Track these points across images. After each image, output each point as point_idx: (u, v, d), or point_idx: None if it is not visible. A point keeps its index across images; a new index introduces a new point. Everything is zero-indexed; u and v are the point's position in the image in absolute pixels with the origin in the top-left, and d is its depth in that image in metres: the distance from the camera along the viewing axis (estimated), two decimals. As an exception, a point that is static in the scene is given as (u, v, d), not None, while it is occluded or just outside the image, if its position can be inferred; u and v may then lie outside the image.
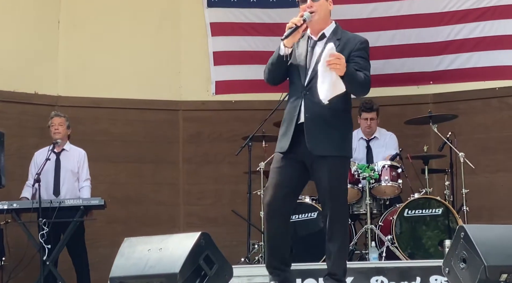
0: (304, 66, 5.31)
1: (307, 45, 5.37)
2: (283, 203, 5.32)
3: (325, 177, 5.24)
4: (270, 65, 5.39)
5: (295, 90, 5.34)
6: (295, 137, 5.27)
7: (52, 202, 7.75)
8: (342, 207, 5.36)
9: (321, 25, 5.38)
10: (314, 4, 5.30)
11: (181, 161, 9.86)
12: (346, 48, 5.29)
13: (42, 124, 8.65)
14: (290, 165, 5.31)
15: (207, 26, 9.91)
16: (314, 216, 7.61)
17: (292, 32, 5.17)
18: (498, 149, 9.40)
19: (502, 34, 9.36)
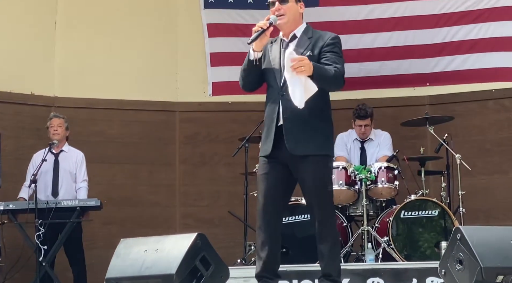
0: (279, 68, 5.32)
1: (280, 48, 5.38)
2: (274, 210, 5.35)
3: (308, 178, 5.25)
4: (242, 71, 5.42)
5: (272, 93, 5.35)
6: (277, 140, 5.27)
7: (48, 203, 7.75)
8: (329, 207, 5.36)
9: (291, 27, 5.39)
10: (282, 7, 5.33)
11: (177, 162, 9.86)
12: (317, 45, 5.31)
13: (38, 125, 8.64)
14: (275, 170, 5.32)
15: (204, 27, 9.91)
16: (309, 218, 7.60)
17: (258, 36, 5.19)
18: (494, 151, 9.41)
19: (498, 36, 9.37)
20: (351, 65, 9.60)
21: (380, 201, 7.95)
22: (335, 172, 7.77)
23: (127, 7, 9.77)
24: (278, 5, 5.33)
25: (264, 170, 5.35)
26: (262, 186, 5.34)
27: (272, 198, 5.33)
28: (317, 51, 5.27)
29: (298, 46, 5.32)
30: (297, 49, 5.27)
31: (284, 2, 5.34)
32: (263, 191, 5.34)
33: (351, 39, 9.71)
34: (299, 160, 5.23)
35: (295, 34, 5.40)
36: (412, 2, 9.63)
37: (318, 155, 5.25)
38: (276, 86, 5.31)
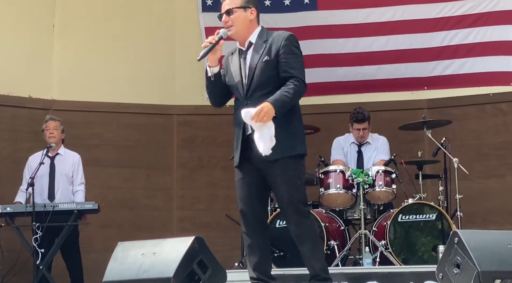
0: (240, 78, 5.31)
1: (239, 58, 5.37)
2: (255, 214, 5.37)
3: (279, 180, 5.24)
4: (206, 88, 5.43)
5: (238, 103, 5.35)
6: (247, 148, 5.27)
7: (45, 206, 7.74)
8: (302, 207, 5.30)
9: (245, 35, 5.37)
10: (230, 18, 5.31)
11: (174, 166, 9.86)
12: (272, 48, 5.27)
13: (36, 128, 8.64)
14: (249, 175, 5.33)
15: (201, 30, 9.91)
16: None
17: (208, 51, 5.19)
18: (491, 155, 9.42)
19: (496, 40, 9.38)
20: (348, 69, 9.65)
21: (378, 205, 7.94)
22: (333, 175, 7.79)
23: (125, 11, 9.77)
24: (225, 17, 5.32)
25: (239, 175, 5.39)
26: (239, 192, 5.38)
27: (251, 203, 5.35)
28: (273, 54, 5.23)
29: (255, 51, 5.30)
30: (254, 55, 5.27)
31: (230, 14, 5.31)
32: (240, 198, 5.37)
33: (348, 43, 9.72)
34: (270, 165, 5.22)
35: (250, 41, 5.36)
36: (410, 6, 9.64)
37: (288, 157, 5.23)
38: (240, 96, 5.32)
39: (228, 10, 5.31)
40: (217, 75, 5.33)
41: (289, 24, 9.35)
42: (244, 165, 5.33)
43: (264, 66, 5.23)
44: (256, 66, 5.24)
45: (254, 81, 5.24)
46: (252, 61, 5.27)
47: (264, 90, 5.21)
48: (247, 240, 5.37)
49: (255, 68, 5.24)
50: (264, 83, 5.22)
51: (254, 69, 5.24)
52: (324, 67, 9.56)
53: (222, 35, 5.23)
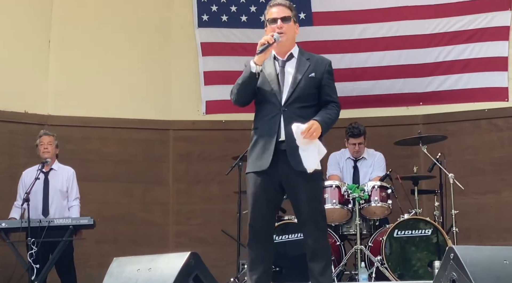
0: (278, 84, 5.37)
1: (275, 66, 5.44)
2: (265, 229, 5.35)
3: (304, 193, 5.26)
4: (239, 85, 5.43)
5: (271, 108, 5.36)
6: (273, 156, 5.28)
7: (41, 222, 7.71)
8: (323, 224, 5.38)
9: (288, 47, 5.47)
10: (284, 25, 5.40)
11: (171, 181, 9.85)
12: (318, 68, 5.42)
13: (32, 143, 8.63)
14: (266, 188, 5.32)
15: (197, 46, 9.94)
16: (301, 237, 7.58)
17: (265, 49, 5.27)
18: (487, 171, 9.43)
19: (491, 56, 9.42)
20: (344, 84, 9.65)
21: (374, 220, 7.95)
22: (329, 191, 7.78)
23: (121, 26, 9.79)
24: (280, 23, 5.40)
25: (254, 187, 5.34)
26: (254, 203, 5.33)
27: (263, 217, 5.33)
28: (319, 75, 5.40)
29: (297, 65, 5.41)
30: (299, 68, 5.39)
31: (286, 21, 5.41)
32: (254, 209, 5.33)
33: (344, 58, 9.75)
34: (297, 176, 5.25)
35: (292, 54, 5.47)
36: (405, 22, 9.68)
37: (315, 171, 5.28)
38: (276, 102, 5.34)
39: (286, 17, 5.42)
40: (258, 75, 5.37)
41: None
42: (263, 176, 5.31)
43: (309, 81, 5.37)
44: (301, 80, 5.36)
45: (296, 92, 5.34)
46: (297, 74, 5.38)
47: (303, 103, 5.33)
48: (252, 253, 5.34)
49: (299, 81, 5.35)
50: (305, 97, 5.34)
51: (299, 82, 5.35)
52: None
53: (276, 39, 5.32)
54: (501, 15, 9.39)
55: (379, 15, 9.72)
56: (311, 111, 5.33)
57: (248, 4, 9.90)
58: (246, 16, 9.91)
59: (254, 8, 9.89)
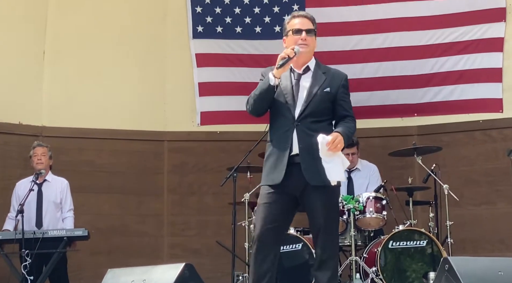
0: (292, 98, 5.38)
1: (291, 78, 5.44)
2: (272, 239, 5.31)
3: (320, 208, 5.26)
4: (256, 96, 5.40)
5: (284, 122, 5.37)
6: (286, 170, 5.27)
7: (35, 233, 7.69)
8: (336, 237, 5.43)
9: (307, 59, 5.47)
10: (308, 38, 5.41)
11: (165, 192, 9.84)
12: (334, 83, 5.42)
13: (26, 155, 8.61)
14: (279, 200, 5.30)
15: (192, 57, 9.95)
16: (299, 248, 7.58)
17: (285, 62, 5.26)
18: (481, 182, 9.43)
19: (485, 67, 9.44)
20: (339, 95, 9.65)
21: (368, 231, 7.94)
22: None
23: (116, 37, 9.79)
24: (305, 35, 5.40)
25: (267, 199, 5.32)
26: (263, 215, 5.30)
27: (272, 229, 5.29)
28: (334, 90, 5.40)
29: (313, 79, 5.41)
30: (314, 82, 5.39)
31: (310, 33, 5.43)
32: (263, 221, 5.29)
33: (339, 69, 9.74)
34: (311, 190, 5.26)
35: (309, 66, 5.47)
36: (400, 33, 9.70)
37: (330, 186, 5.27)
38: (289, 116, 5.35)
39: (311, 29, 5.44)
40: (276, 88, 5.37)
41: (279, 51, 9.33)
42: (278, 190, 5.30)
43: (323, 96, 5.36)
44: (316, 94, 5.36)
45: (310, 107, 5.33)
46: (312, 88, 5.37)
47: (317, 118, 5.33)
48: (257, 268, 5.28)
49: (314, 95, 5.35)
50: (319, 111, 5.35)
51: (313, 96, 5.35)
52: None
53: (296, 52, 5.31)
54: (495, 26, 9.42)
55: (374, 26, 9.74)
56: (324, 125, 5.33)
57: (243, 16, 9.91)
58: (241, 27, 9.93)
59: (249, 19, 9.91)
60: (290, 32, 5.45)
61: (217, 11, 9.91)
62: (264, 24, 9.82)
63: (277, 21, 9.75)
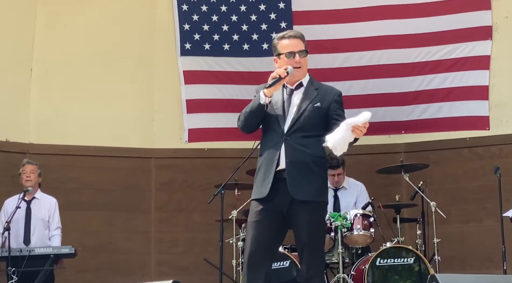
0: (283, 113, 5.38)
1: (283, 93, 5.44)
2: (263, 258, 5.28)
3: (305, 223, 5.23)
4: (247, 113, 5.41)
5: (274, 136, 5.37)
6: (274, 183, 5.27)
7: (21, 251, 7.66)
8: (321, 255, 5.38)
9: (299, 77, 5.48)
10: (301, 60, 5.43)
11: (153, 209, 9.82)
12: (325, 98, 5.43)
13: (13, 172, 8.60)
14: (268, 218, 5.28)
15: (180, 74, 9.95)
16: (286, 265, 7.58)
17: (275, 82, 5.27)
18: (469, 199, 9.45)
19: (472, 84, 9.48)
20: (327, 113, 9.67)
21: (356, 249, 7.93)
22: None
23: (103, 54, 9.79)
24: (298, 58, 5.41)
25: (256, 217, 5.31)
26: (253, 233, 5.28)
27: (263, 247, 5.27)
28: (326, 105, 5.39)
29: (305, 95, 5.42)
30: (305, 98, 5.39)
31: (303, 55, 5.44)
32: (254, 239, 5.27)
33: (326, 86, 9.77)
34: (297, 205, 5.24)
35: (302, 82, 5.48)
36: (387, 51, 9.74)
37: (317, 202, 5.28)
38: (279, 130, 5.35)
39: (303, 51, 5.45)
40: (267, 106, 5.37)
41: (267, 68, 9.31)
42: (265, 205, 5.28)
43: (314, 111, 5.35)
44: (306, 109, 5.35)
45: (299, 122, 5.33)
46: (302, 103, 5.37)
47: (306, 132, 5.31)
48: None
49: (304, 110, 5.35)
50: (309, 126, 5.32)
51: (304, 111, 5.34)
52: (303, 111, 9.59)
53: (289, 72, 5.32)
54: (482, 44, 9.46)
55: (362, 43, 9.77)
56: (314, 141, 5.29)
57: (230, 33, 9.93)
58: (229, 44, 9.94)
59: (236, 36, 9.92)
60: (283, 55, 5.44)
61: (205, 28, 9.92)
62: (252, 42, 9.83)
63: (265, 39, 9.78)
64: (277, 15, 9.83)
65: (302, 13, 9.81)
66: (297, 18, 9.79)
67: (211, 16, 9.91)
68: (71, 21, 9.74)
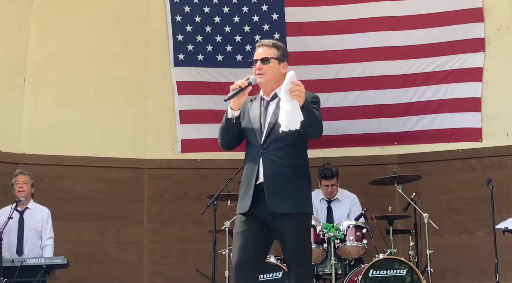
0: (259, 126, 5.33)
1: (260, 106, 5.39)
2: (249, 268, 5.25)
3: (289, 236, 5.19)
4: (220, 129, 5.40)
5: (253, 150, 5.33)
6: (255, 198, 5.24)
7: (13, 261, 7.64)
8: (308, 266, 5.33)
9: (273, 86, 5.38)
10: (264, 67, 5.33)
11: (145, 220, 9.80)
12: None
13: (5, 182, 8.58)
14: (252, 228, 5.26)
15: (173, 84, 9.96)
16: (279, 276, 7.58)
17: (235, 94, 5.20)
18: (461, 211, 9.47)
19: (464, 96, 9.51)
20: (320, 124, 9.68)
21: (349, 260, 7.94)
22: (303, 230, 7.75)
23: (96, 65, 9.79)
24: (259, 64, 5.34)
25: (240, 228, 5.28)
26: (239, 244, 5.26)
27: (248, 257, 5.24)
28: None
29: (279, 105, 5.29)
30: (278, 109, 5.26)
31: (265, 62, 5.35)
32: (239, 249, 5.25)
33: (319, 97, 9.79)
34: (279, 218, 5.19)
35: (276, 93, 5.37)
36: (380, 62, 9.76)
37: (298, 213, 5.23)
38: (256, 144, 5.30)
39: (264, 59, 5.35)
40: (237, 119, 5.33)
41: (261, 79, 9.43)
42: (249, 218, 5.26)
43: None
44: None
45: (274, 132, 5.24)
46: (276, 114, 5.26)
47: (282, 143, 5.23)
48: None
49: (276, 121, 5.23)
50: (283, 136, 5.21)
51: (276, 121, 5.23)
52: (296, 122, 9.59)
53: (251, 82, 5.25)
54: (474, 56, 9.50)
55: (355, 55, 9.79)
56: (291, 151, 5.22)
57: (224, 44, 9.95)
58: (222, 55, 9.96)
59: (230, 47, 9.94)
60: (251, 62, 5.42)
61: (198, 39, 9.93)
62: (245, 53, 9.84)
63: (258, 50, 9.79)
64: (270, 26, 9.86)
65: (296, 24, 9.83)
66: (290, 29, 9.82)
67: (204, 27, 9.93)
68: (65, 31, 9.74)
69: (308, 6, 9.83)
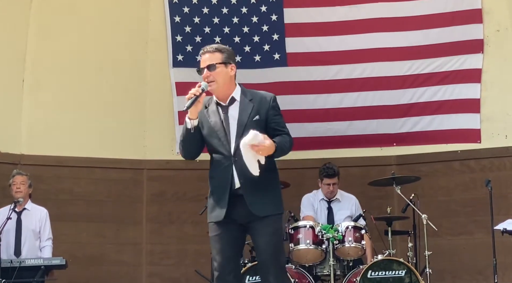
0: (224, 134, 5.32)
1: (219, 113, 5.37)
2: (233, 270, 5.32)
3: (267, 237, 5.26)
4: (181, 141, 5.41)
5: (222, 159, 5.33)
6: (230, 204, 5.27)
7: (12, 262, 7.63)
8: (284, 265, 5.41)
9: (226, 91, 5.37)
10: (211, 74, 5.31)
11: (144, 221, 9.80)
12: (262, 108, 5.33)
13: (4, 183, 8.58)
14: (229, 230, 5.31)
15: (172, 85, 9.96)
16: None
17: (192, 103, 5.20)
18: (460, 212, 9.47)
19: (464, 98, 9.52)
20: (318, 125, 9.71)
21: (347, 261, 7.93)
22: (303, 231, 7.76)
23: (95, 65, 9.79)
24: (206, 72, 5.32)
25: (216, 231, 5.34)
26: (218, 247, 5.32)
27: (229, 258, 5.31)
28: (264, 116, 5.31)
29: (241, 109, 5.33)
30: (242, 113, 5.31)
31: (212, 69, 5.32)
32: (219, 252, 5.31)
33: (319, 98, 9.81)
34: (258, 221, 5.26)
35: (234, 97, 5.38)
36: (379, 63, 9.76)
37: (276, 215, 5.32)
38: (226, 152, 5.30)
39: (210, 65, 5.32)
40: (197, 128, 5.32)
41: (259, 80, 9.43)
42: (224, 221, 5.29)
43: (254, 125, 5.24)
44: (246, 125, 5.26)
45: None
46: (241, 120, 5.28)
47: None
48: None
49: (245, 127, 5.25)
50: None
51: (244, 128, 5.24)
52: (295, 123, 9.58)
53: (203, 88, 5.25)
54: (473, 57, 9.50)
55: (354, 56, 9.79)
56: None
57: (223, 45, 9.90)
58: (221, 56, 9.94)
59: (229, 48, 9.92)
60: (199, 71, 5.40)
61: (197, 40, 9.93)
62: (244, 54, 9.84)
63: (257, 51, 9.80)
64: (269, 27, 9.85)
65: (294, 25, 9.83)
66: (289, 30, 9.82)
67: (203, 28, 9.93)
68: (63, 33, 9.73)
69: (307, 7, 9.83)
